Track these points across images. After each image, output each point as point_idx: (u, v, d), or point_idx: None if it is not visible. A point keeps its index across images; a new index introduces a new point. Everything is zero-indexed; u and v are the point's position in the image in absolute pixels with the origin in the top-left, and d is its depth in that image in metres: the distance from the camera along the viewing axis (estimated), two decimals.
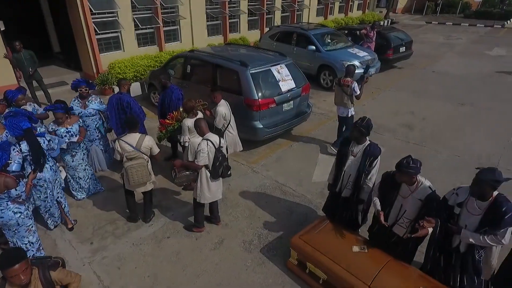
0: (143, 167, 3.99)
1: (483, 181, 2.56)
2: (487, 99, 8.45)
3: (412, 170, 2.86)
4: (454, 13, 22.96)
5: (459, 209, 2.84)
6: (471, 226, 2.76)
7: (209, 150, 3.80)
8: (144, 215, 4.53)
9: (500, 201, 2.63)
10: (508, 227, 2.58)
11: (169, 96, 5.23)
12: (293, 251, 3.72)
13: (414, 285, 3.01)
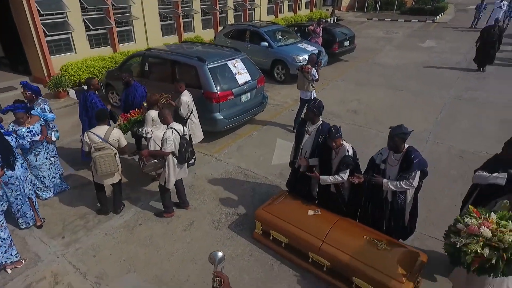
0: (110, 157, 4.16)
1: (394, 135, 3.22)
2: (419, 85, 9.56)
3: (340, 133, 3.54)
4: (391, 10, 24.99)
5: (384, 165, 3.47)
6: (392, 176, 3.40)
7: (174, 138, 4.11)
8: (114, 207, 4.71)
9: (410, 150, 3.31)
10: (416, 170, 3.25)
11: (132, 93, 5.41)
12: (258, 223, 4.16)
13: (358, 235, 3.59)
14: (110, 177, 4.38)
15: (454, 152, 6.00)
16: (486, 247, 2.37)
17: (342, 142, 3.68)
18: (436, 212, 4.51)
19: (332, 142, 3.61)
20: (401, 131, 3.24)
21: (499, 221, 2.49)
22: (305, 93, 6.64)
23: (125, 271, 3.82)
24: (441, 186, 5.00)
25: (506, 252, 2.31)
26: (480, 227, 2.43)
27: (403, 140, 3.29)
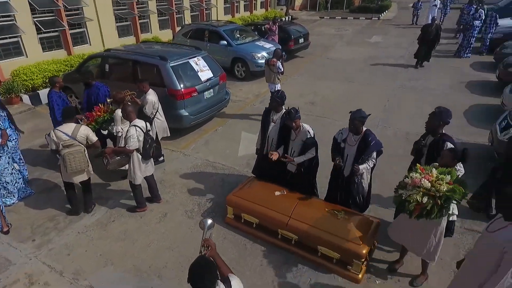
0: (80, 153, 4.19)
1: (354, 118, 3.66)
2: (368, 77, 10.37)
3: (298, 114, 3.94)
4: (341, 8, 26.37)
5: (343, 143, 3.91)
6: (351, 155, 3.84)
7: (138, 135, 4.20)
8: (85, 206, 4.73)
9: (367, 133, 3.77)
10: (373, 151, 3.73)
11: (95, 93, 5.42)
12: (229, 208, 4.44)
13: (320, 209, 4.00)
14: (80, 175, 4.40)
15: (401, 134, 6.70)
16: (425, 196, 2.85)
17: (302, 124, 4.07)
18: (386, 186, 5.05)
19: (292, 122, 3.97)
20: (360, 115, 3.68)
21: (438, 175, 2.99)
22: (272, 85, 7.07)
23: (102, 265, 3.92)
24: (391, 164, 5.59)
25: (440, 199, 2.80)
26: (422, 179, 2.92)
27: (362, 123, 3.71)
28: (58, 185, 5.36)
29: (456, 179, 2.92)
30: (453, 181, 2.89)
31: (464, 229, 4.30)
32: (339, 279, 3.68)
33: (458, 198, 2.83)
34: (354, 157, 3.83)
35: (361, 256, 3.52)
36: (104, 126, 5.02)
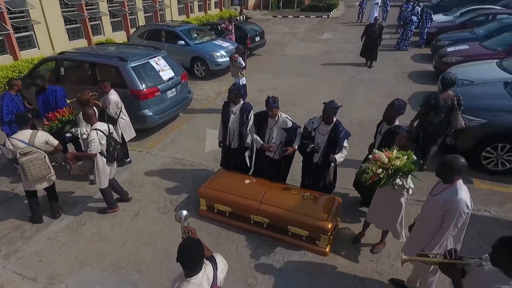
0: (40, 159, 4.07)
1: (328, 108, 3.98)
2: (322, 71, 10.99)
3: (276, 103, 4.15)
4: (292, 7, 27.27)
5: (314, 132, 4.23)
6: (321, 143, 4.16)
7: (99, 139, 4.16)
8: (52, 212, 4.63)
9: (337, 124, 4.11)
10: (344, 140, 4.08)
11: (52, 96, 5.28)
12: (202, 200, 4.61)
13: (288, 192, 4.30)
14: (42, 182, 4.27)
15: (355, 122, 7.26)
16: (380, 168, 3.27)
17: (280, 113, 4.33)
18: (345, 168, 5.52)
19: (269, 111, 4.20)
20: (333, 106, 3.99)
21: (398, 154, 3.41)
22: (236, 79, 7.33)
23: (78, 267, 3.91)
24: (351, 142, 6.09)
25: (390, 171, 3.24)
26: (381, 155, 3.33)
27: (335, 113, 4.03)
28: (18, 194, 5.17)
29: (411, 159, 3.35)
30: (408, 160, 3.33)
31: (413, 201, 4.86)
32: (309, 254, 4.02)
33: (406, 172, 3.27)
34: (325, 146, 4.15)
35: (327, 230, 3.88)
36: (69, 127, 4.91)
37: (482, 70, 7.55)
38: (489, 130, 5.15)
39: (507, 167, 5.23)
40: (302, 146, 4.30)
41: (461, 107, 4.96)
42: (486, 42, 9.57)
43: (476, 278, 2.16)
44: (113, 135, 4.36)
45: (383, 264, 3.88)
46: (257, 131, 4.49)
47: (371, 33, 10.67)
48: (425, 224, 3.05)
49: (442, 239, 2.85)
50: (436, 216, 2.86)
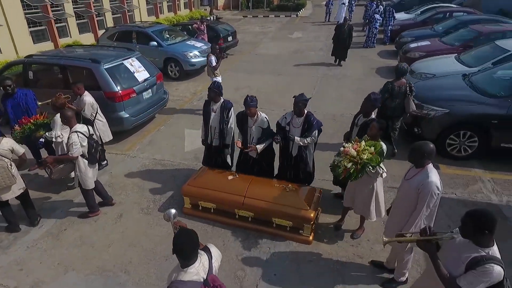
0: (2, 168, 3.84)
1: (299, 101, 4.15)
2: (295, 68, 11.28)
3: (254, 103, 4.26)
4: (262, 7, 27.62)
5: (288, 126, 4.39)
6: (297, 135, 4.32)
7: (80, 141, 4.10)
8: (30, 220, 4.49)
9: (309, 115, 4.30)
10: (315, 129, 4.27)
11: (23, 99, 5.11)
12: (186, 198, 4.65)
13: (270, 185, 4.44)
14: (7, 192, 4.07)
15: (329, 117, 7.54)
16: (350, 162, 3.48)
17: (258, 112, 4.44)
18: (322, 160, 5.75)
19: (247, 110, 4.32)
20: (303, 98, 4.17)
21: (365, 146, 3.63)
22: (211, 78, 7.33)
23: (62, 273, 3.84)
24: (323, 142, 6.33)
25: (359, 165, 3.46)
26: (350, 149, 3.54)
27: (305, 105, 4.21)
28: None
29: (378, 150, 3.59)
30: (376, 152, 3.57)
31: (387, 188, 5.15)
32: (293, 244, 4.18)
33: (373, 165, 3.50)
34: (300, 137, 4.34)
35: (310, 219, 4.06)
36: (42, 131, 4.75)
37: (443, 64, 8.10)
38: (451, 119, 5.56)
39: (469, 153, 5.67)
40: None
41: (413, 93, 5.54)
42: (445, 38, 10.23)
43: (449, 250, 2.39)
44: (93, 136, 4.29)
45: (363, 248, 4.12)
46: (240, 130, 4.61)
47: (341, 33, 10.92)
48: (401, 207, 3.27)
49: (417, 220, 3.08)
50: (411, 198, 3.09)
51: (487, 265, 2.10)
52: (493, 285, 2.15)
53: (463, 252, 2.25)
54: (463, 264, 2.21)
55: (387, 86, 5.60)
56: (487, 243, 2.18)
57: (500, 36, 8.95)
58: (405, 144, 6.21)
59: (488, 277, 2.11)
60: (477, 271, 2.13)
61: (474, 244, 2.22)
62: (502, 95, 5.47)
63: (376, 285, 3.62)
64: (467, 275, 2.17)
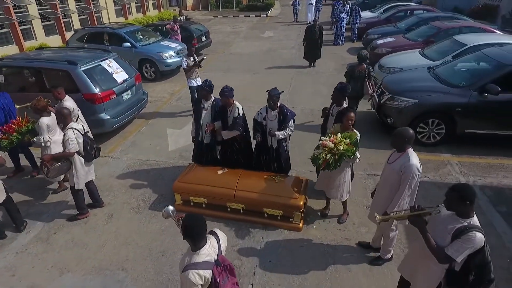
0: None
1: (273, 95, 4.37)
2: (269, 67, 11.53)
3: (227, 92, 4.46)
4: (231, 7, 27.70)
5: (265, 121, 4.59)
6: (274, 128, 4.54)
7: (77, 137, 4.16)
8: (16, 226, 4.39)
9: (282, 106, 4.54)
10: (290, 119, 4.51)
11: (3, 102, 4.93)
12: (176, 195, 4.72)
13: (259, 178, 4.61)
14: None
15: (306, 111, 7.85)
16: (329, 154, 3.76)
17: (234, 102, 4.61)
18: (304, 153, 6.01)
19: (222, 99, 4.49)
20: (277, 92, 4.41)
21: (341, 138, 3.90)
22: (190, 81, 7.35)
23: (58, 275, 3.81)
24: (304, 135, 6.61)
25: (337, 155, 3.75)
26: (328, 141, 3.81)
27: (278, 99, 4.45)
28: None
29: (353, 141, 3.87)
30: (351, 142, 3.84)
31: (366, 175, 5.50)
32: (285, 232, 4.38)
33: (349, 156, 3.79)
34: (277, 129, 4.56)
35: (300, 207, 4.29)
36: (29, 136, 4.63)
37: (409, 59, 8.66)
38: (420, 108, 6.01)
39: (437, 139, 6.16)
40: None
41: (371, 78, 6.41)
42: (408, 34, 10.90)
43: (435, 224, 2.66)
44: (88, 133, 4.28)
45: (350, 231, 4.40)
46: (221, 121, 4.77)
47: (312, 34, 10.82)
48: (384, 189, 3.53)
49: (400, 200, 3.35)
50: (394, 180, 3.37)
51: (470, 233, 2.37)
52: (476, 251, 2.43)
53: (448, 224, 2.52)
54: (449, 235, 2.47)
55: (350, 69, 6.50)
56: (468, 214, 2.46)
57: (457, 31, 9.69)
58: (381, 135, 6.64)
59: (472, 243, 2.37)
60: (461, 239, 2.39)
61: (457, 216, 2.49)
62: (464, 85, 5.98)
63: (364, 263, 3.90)
64: (454, 244, 2.43)
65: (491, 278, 2.48)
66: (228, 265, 2.42)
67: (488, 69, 6.10)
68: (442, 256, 2.48)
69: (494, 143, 6.09)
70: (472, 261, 2.45)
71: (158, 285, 3.66)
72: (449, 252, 2.45)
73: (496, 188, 5.09)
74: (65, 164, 4.25)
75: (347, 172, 4.17)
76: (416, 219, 2.63)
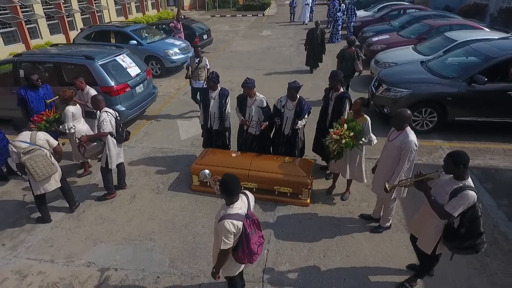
0: (41, 157, 4.07)
1: (292, 87, 4.80)
2: (270, 63, 12.00)
3: (250, 84, 4.86)
4: (228, 7, 28.14)
5: (283, 109, 5.04)
6: (290, 117, 4.98)
7: (110, 119, 4.58)
8: (70, 205, 4.75)
9: (301, 100, 4.97)
10: (306, 112, 4.96)
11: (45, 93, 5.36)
12: (194, 176, 5.15)
13: (270, 159, 5.07)
14: (48, 181, 4.26)
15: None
16: (335, 145, 4.26)
17: (256, 93, 5.04)
18: (310, 141, 6.49)
19: (244, 90, 4.91)
20: (296, 85, 4.83)
21: (345, 131, 4.35)
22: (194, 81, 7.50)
23: (92, 245, 4.22)
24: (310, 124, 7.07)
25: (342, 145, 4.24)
26: (333, 134, 4.29)
27: (297, 91, 4.87)
28: (7, 191, 5.22)
29: (357, 132, 4.28)
30: (354, 134, 4.28)
31: (366, 159, 5.95)
32: (294, 207, 4.84)
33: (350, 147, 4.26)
34: (293, 118, 4.99)
35: (308, 184, 4.75)
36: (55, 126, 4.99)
37: (403, 54, 9.18)
38: (414, 98, 6.51)
39: (430, 127, 6.67)
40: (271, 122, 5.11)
41: (359, 58, 7.77)
42: (402, 32, 11.44)
43: (437, 187, 3.11)
44: (118, 118, 4.68)
45: (352, 206, 4.88)
46: (240, 110, 5.20)
47: (314, 38, 10.38)
48: (386, 164, 3.96)
49: (400, 172, 3.78)
50: (394, 156, 3.82)
51: (464, 191, 2.83)
52: (470, 207, 2.88)
53: (446, 187, 2.98)
54: (447, 195, 2.92)
55: (341, 52, 7.87)
56: (463, 176, 2.92)
57: (448, 28, 10.25)
58: (378, 123, 7.13)
59: (466, 200, 2.83)
60: (457, 197, 2.85)
61: (455, 179, 2.96)
62: (454, 76, 6.50)
63: (366, 232, 4.37)
64: (451, 202, 2.88)
65: (480, 231, 2.93)
66: (256, 220, 2.86)
67: (476, 62, 6.63)
68: (442, 212, 2.93)
69: (481, 130, 6.62)
70: (464, 216, 2.91)
71: (184, 252, 4.09)
72: (447, 209, 2.89)
73: (483, 168, 5.61)
74: (100, 144, 4.66)
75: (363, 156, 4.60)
76: (420, 184, 3.09)
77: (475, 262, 3.83)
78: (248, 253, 2.77)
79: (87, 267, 3.91)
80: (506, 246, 4.06)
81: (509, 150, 6.10)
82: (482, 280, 3.63)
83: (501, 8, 16.19)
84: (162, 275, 3.79)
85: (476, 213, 2.90)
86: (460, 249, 3.03)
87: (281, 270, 3.83)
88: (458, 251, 3.08)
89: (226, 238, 2.65)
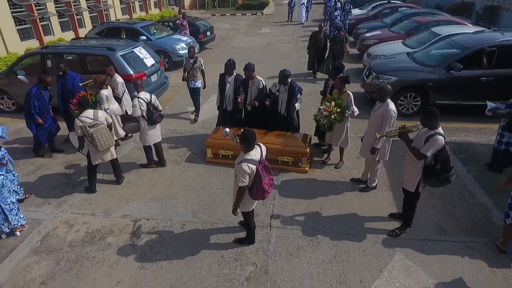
0: (105, 129, 4.72)
1: (283, 75, 5.60)
2: (270, 58, 12.80)
3: (250, 67, 5.70)
4: (228, 6, 28.93)
5: (277, 92, 5.84)
6: (284, 99, 5.78)
7: (140, 105, 5.24)
8: (117, 178, 5.43)
9: (292, 83, 5.75)
10: (298, 93, 5.74)
11: (71, 82, 6.08)
12: (208, 149, 5.94)
13: (274, 134, 5.87)
14: (106, 153, 4.92)
15: (305, 93, 9.01)
16: (325, 119, 5.06)
17: (256, 75, 5.85)
18: (305, 117, 7.27)
19: (245, 73, 5.72)
20: (284, 73, 5.62)
21: (333, 107, 5.16)
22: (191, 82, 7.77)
23: (125, 203, 5.00)
24: (305, 112, 7.88)
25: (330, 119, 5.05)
26: (323, 110, 5.09)
27: (287, 77, 5.64)
28: (45, 163, 5.99)
29: (343, 108, 5.11)
30: (341, 110, 5.11)
31: (357, 137, 6.79)
32: (295, 174, 5.63)
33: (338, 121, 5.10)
34: (286, 100, 5.80)
35: (306, 154, 5.56)
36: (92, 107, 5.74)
37: (393, 48, 10.01)
38: (400, 84, 7.33)
39: (415, 110, 7.50)
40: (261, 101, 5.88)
41: (347, 41, 9.68)
42: (393, 28, 12.29)
43: (417, 137, 3.89)
44: (152, 102, 5.37)
45: (345, 172, 5.68)
46: (243, 91, 6.00)
47: (318, 41, 10.00)
48: (372, 131, 4.75)
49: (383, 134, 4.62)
50: (378, 123, 4.61)
51: (434, 136, 3.63)
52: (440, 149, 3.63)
53: (423, 136, 3.78)
54: (423, 141, 3.72)
55: (333, 37, 9.68)
56: (435, 126, 3.70)
57: (435, 24, 11.11)
58: (369, 108, 7.93)
59: (435, 142, 3.60)
60: (429, 141, 3.64)
61: (429, 129, 3.76)
62: (435, 65, 7.34)
63: (356, 191, 5.18)
64: (425, 146, 3.68)
65: (451, 166, 3.73)
66: (267, 165, 3.65)
67: (454, 52, 7.47)
68: (418, 154, 3.71)
69: (458, 112, 7.46)
70: (438, 156, 3.70)
71: (203, 207, 4.88)
72: (422, 151, 3.68)
73: (458, 143, 6.45)
74: (135, 124, 5.42)
75: (347, 126, 5.42)
76: (403, 135, 3.90)
77: (443, 211, 4.66)
78: (261, 191, 3.56)
79: (123, 218, 4.70)
80: (470, 199, 4.90)
81: (482, 129, 6.94)
82: (449, 222, 4.46)
83: (485, 6, 17.13)
84: (187, 223, 4.58)
85: (446, 153, 3.68)
86: (439, 182, 3.81)
87: (285, 217, 4.64)
88: (437, 184, 3.87)
89: (243, 177, 3.44)
